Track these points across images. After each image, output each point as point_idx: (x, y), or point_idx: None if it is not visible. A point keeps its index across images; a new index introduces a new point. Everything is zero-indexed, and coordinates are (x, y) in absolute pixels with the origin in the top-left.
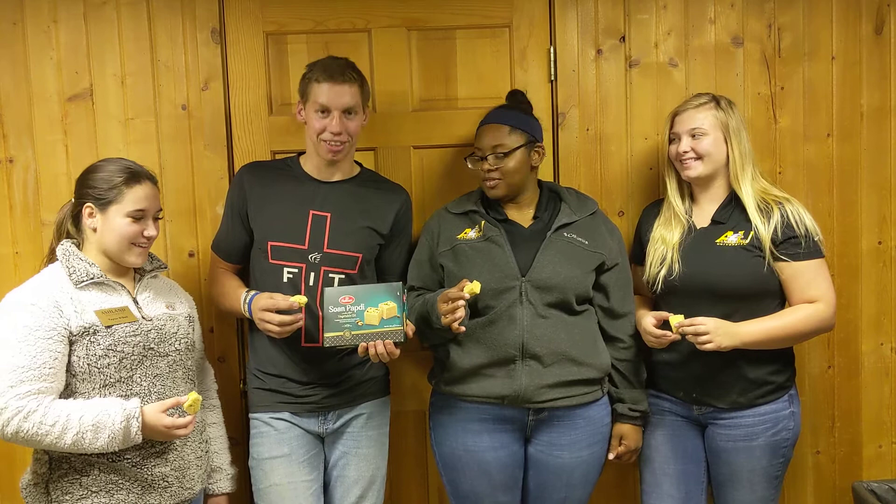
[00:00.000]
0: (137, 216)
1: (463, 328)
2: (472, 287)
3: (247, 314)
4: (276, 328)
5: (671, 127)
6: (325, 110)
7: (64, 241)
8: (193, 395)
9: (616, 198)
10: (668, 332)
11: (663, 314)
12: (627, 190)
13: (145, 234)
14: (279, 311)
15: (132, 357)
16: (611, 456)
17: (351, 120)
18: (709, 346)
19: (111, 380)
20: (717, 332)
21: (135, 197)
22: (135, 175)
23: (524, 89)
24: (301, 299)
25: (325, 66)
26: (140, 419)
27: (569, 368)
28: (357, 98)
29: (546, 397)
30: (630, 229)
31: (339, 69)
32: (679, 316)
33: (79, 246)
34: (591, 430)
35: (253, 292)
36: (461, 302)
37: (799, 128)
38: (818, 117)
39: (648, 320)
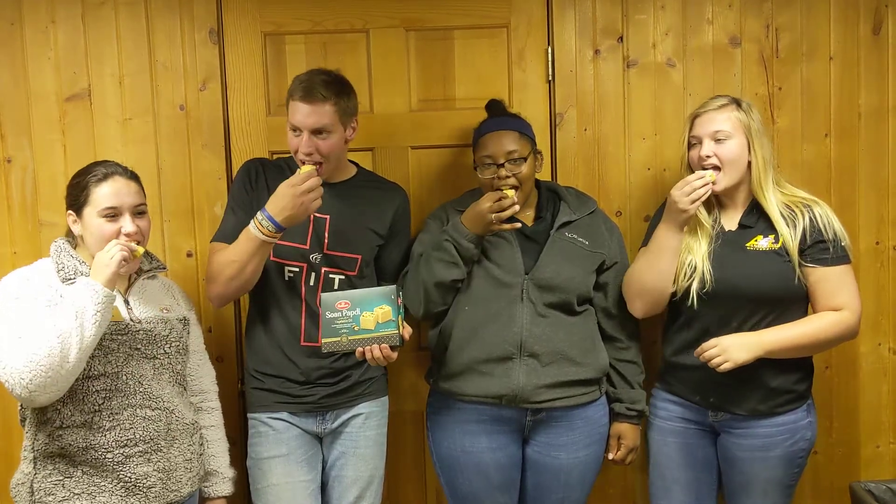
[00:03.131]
0: (109, 214)
1: (517, 224)
2: (511, 192)
3: (263, 219)
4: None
5: (690, 130)
6: (296, 129)
7: (58, 238)
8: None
9: (614, 198)
10: (699, 174)
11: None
12: (625, 190)
13: (123, 231)
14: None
15: (117, 354)
16: (610, 456)
17: (323, 139)
18: (726, 367)
19: (95, 372)
20: (730, 349)
21: (102, 195)
22: (104, 174)
23: (522, 90)
24: (307, 168)
25: (301, 82)
26: (87, 278)
27: (567, 368)
28: (329, 118)
29: (544, 398)
30: (628, 229)
31: (311, 88)
32: (710, 171)
33: (74, 246)
34: (589, 431)
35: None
36: (508, 202)
37: (797, 128)
38: (816, 117)
39: (676, 187)
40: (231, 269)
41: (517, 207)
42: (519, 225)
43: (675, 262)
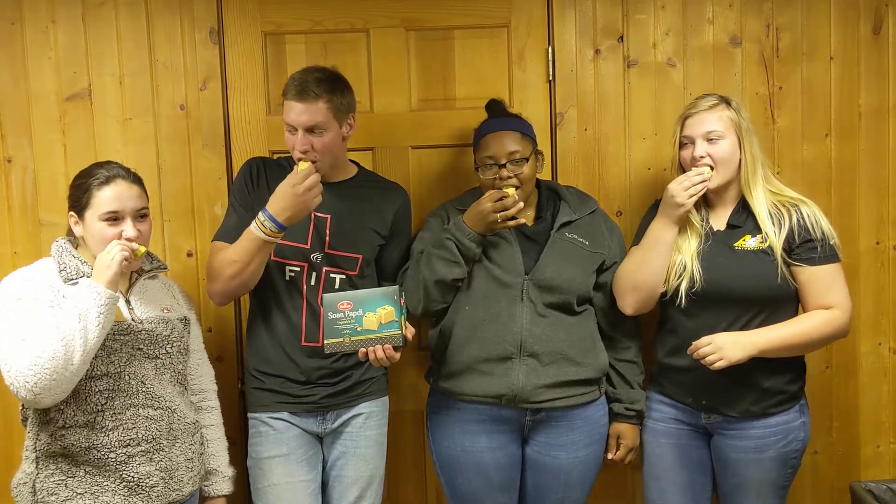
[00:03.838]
0: (111, 218)
1: (521, 221)
2: (511, 190)
3: (265, 220)
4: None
5: (681, 131)
6: (291, 127)
7: (60, 238)
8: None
9: (614, 198)
10: (696, 171)
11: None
12: (626, 190)
13: (125, 235)
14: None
15: (120, 354)
16: (609, 456)
17: (318, 137)
18: (720, 364)
19: (98, 372)
20: (724, 347)
21: (104, 199)
22: (107, 177)
23: (522, 89)
24: (304, 164)
25: (295, 79)
26: (89, 280)
27: (566, 368)
28: (323, 115)
29: (543, 397)
30: (629, 229)
31: (303, 85)
32: (705, 168)
33: (75, 245)
34: (589, 431)
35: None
36: (510, 202)
37: (797, 128)
38: (816, 117)
39: (676, 181)
40: (232, 269)
41: (521, 205)
42: (522, 221)
43: (669, 257)
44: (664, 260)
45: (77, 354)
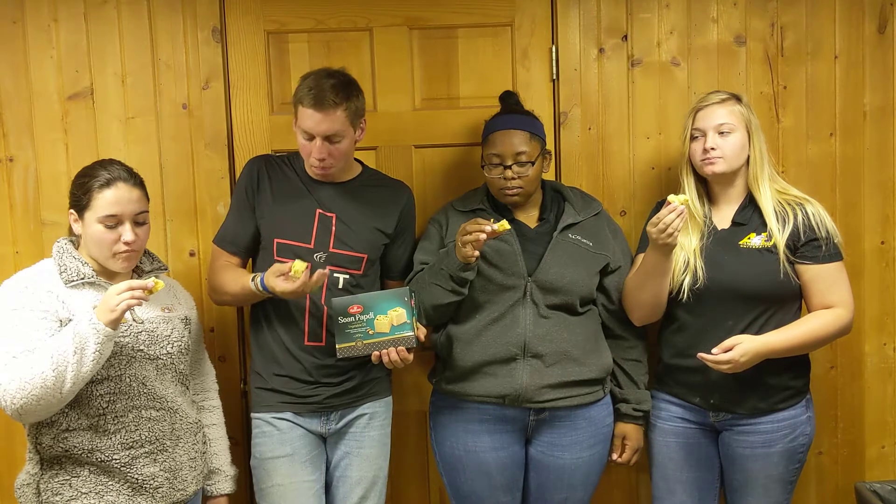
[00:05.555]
0: (109, 223)
1: (476, 253)
2: (503, 224)
3: (260, 287)
4: (289, 286)
5: (693, 123)
6: (308, 135)
7: (61, 238)
8: (154, 280)
9: (618, 197)
10: (669, 208)
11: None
12: (629, 189)
13: (122, 239)
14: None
15: (120, 357)
16: (615, 457)
17: (337, 144)
18: (733, 371)
19: (99, 377)
20: (739, 359)
21: (104, 202)
22: (108, 179)
23: (526, 88)
24: (299, 266)
25: (310, 87)
26: (92, 314)
27: (570, 368)
28: (341, 123)
29: (547, 397)
30: (632, 229)
31: (321, 95)
32: (680, 196)
33: (76, 245)
34: (593, 431)
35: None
36: (488, 228)
37: (802, 127)
38: (821, 117)
39: (651, 224)
40: (229, 298)
41: (482, 236)
42: (477, 254)
43: (668, 278)
44: (664, 282)
45: (67, 384)
